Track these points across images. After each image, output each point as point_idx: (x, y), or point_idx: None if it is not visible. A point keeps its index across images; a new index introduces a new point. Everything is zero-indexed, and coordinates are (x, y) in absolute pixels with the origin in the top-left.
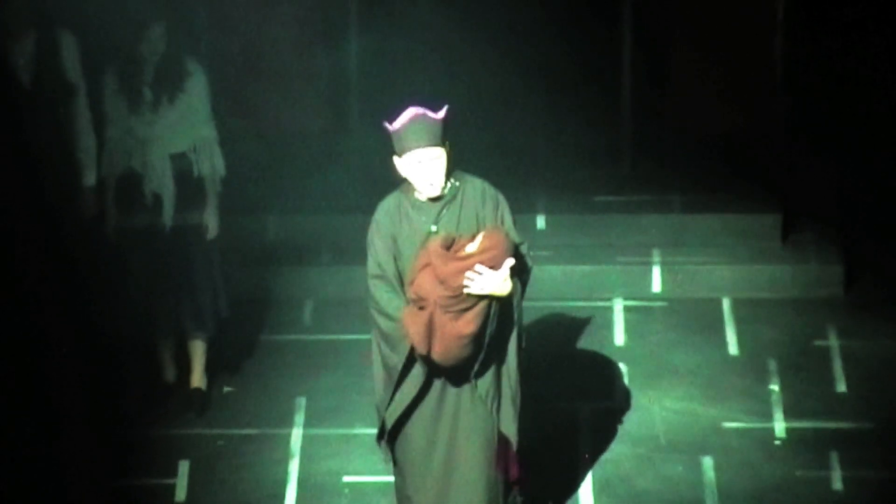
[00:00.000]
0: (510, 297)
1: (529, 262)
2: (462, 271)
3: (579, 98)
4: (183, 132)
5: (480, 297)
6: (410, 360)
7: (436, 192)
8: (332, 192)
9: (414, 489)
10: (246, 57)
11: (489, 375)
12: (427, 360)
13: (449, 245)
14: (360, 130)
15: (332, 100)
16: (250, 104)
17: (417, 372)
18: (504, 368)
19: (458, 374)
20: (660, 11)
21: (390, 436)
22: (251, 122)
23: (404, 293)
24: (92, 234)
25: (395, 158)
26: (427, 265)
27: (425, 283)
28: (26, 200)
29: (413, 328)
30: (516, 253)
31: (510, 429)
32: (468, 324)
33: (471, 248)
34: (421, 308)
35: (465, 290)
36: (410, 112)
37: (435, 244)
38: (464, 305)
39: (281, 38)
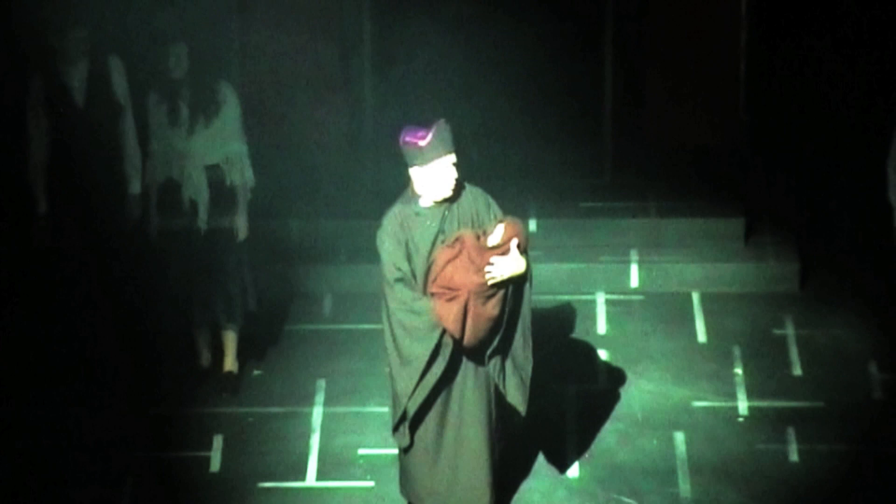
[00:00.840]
0: (524, 275)
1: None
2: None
3: (565, 116)
4: (217, 146)
5: (503, 281)
6: (436, 350)
7: (449, 194)
8: (348, 199)
9: (423, 469)
10: (272, 79)
11: (498, 352)
12: (457, 343)
13: (478, 238)
14: (371, 147)
15: (348, 119)
16: (275, 122)
17: (440, 361)
18: (514, 343)
19: (474, 354)
20: (637, 39)
21: (404, 420)
22: (276, 138)
23: (422, 290)
24: (136, 236)
25: (416, 169)
26: (452, 259)
27: (456, 275)
28: (79, 206)
29: (449, 316)
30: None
31: (516, 399)
32: (495, 307)
33: (495, 238)
34: (450, 299)
35: (490, 281)
36: (434, 126)
37: (470, 238)
38: (493, 290)
39: (301, 63)
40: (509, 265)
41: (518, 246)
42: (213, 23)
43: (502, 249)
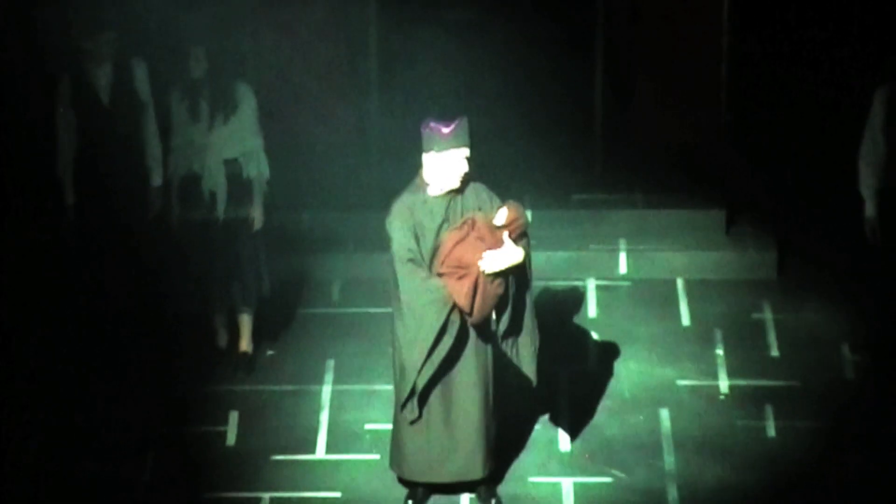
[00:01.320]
0: (522, 263)
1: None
2: (505, 239)
3: (560, 115)
4: (234, 142)
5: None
6: (444, 327)
7: (457, 185)
8: (354, 193)
9: (419, 443)
10: (285, 82)
11: (511, 329)
12: (465, 320)
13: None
14: (376, 143)
15: (355, 118)
16: (288, 121)
17: (447, 339)
18: (525, 321)
19: (479, 331)
20: (626, 45)
21: (412, 395)
22: (289, 136)
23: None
24: (158, 225)
25: (432, 155)
26: (460, 241)
27: (466, 255)
28: (104, 197)
29: (462, 292)
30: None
31: (530, 369)
32: (500, 285)
33: (500, 220)
34: (461, 277)
35: (489, 270)
36: (458, 119)
37: (481, 219)
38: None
39: (311, 66)
40: (506, 256)
41: (520, 227)
42: (230, 26)
43: (509, 228)
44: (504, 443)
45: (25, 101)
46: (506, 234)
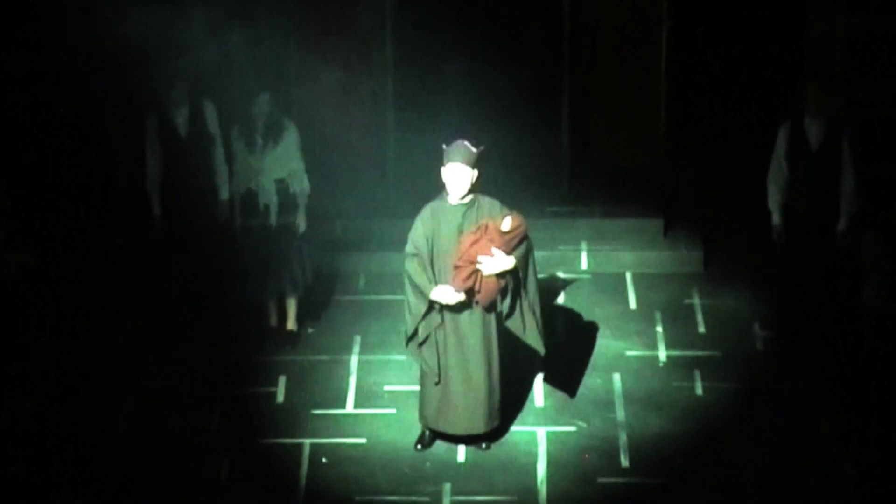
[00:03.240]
0: (515, 267)
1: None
2: (510, 241)
3: (535, 144)
4: (282, 165)
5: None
6: (429, 308)
7: (457, 195)
8: (375, 206)
9: (435, 401)
10: (322, 120)
11: (517, 312)
12: (470, 302)
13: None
14: (393, 169)
15: (376, 149)
16: (324, 150)
17: (434, 313)
18: (524, 306)
19: (487, 315)
20: (586, 88)
21: (420, 345)
22: (326, 160)
23: (432, 266)
24: (224, 230)
25: (442, 167)
26: (475, 241)
27: (479, 253)
28: (183, 208)
29: (470, 283)
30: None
31: (537, 342)
32: (499, 280)
33: (506, 226)
34: (471, 272)
35: (485, 272)
36: (460, 140)
37: (493, 224)
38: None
39: (343, 109)
40: (499, 262)
41: (521, 232)
42: (280, 80)
43: (513, 233)
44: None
45: (122, 134)
46: (500, 248)
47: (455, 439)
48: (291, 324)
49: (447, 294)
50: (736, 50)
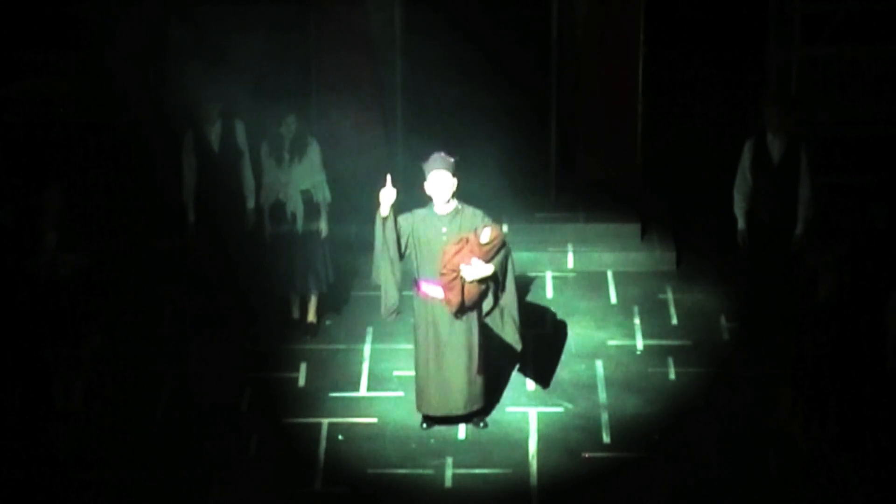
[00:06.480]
0: (495, 272)
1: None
2: (488, 252)
3: (527, 158)
4: (307, 177)
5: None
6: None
7: (443, 202)
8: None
9: (423, 386)
10: (342, 139)
11: (496, 310)
12: (460, 307)
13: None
14: (402, 180)
15: (386, 162)
16: (342, 164)
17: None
18: (504, 307)
19: (469, 314)
20: (571, 108)
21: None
22: (344, 174)
23: (399, 260)
24: (251, 235)
25: (426, 182)
26: (458, 252)
27: (461, 262)
28: (215, 215)
29: (451, 292)
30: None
31: (513, 338)
32: (480, 285)
33: (485, 237)
34: (454, 278)
35: (469, 278)
36: (441, 152)
37: (474, 237)
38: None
39: (360, 132)
40: (478, 270)
41: (499, 243)
42: (303, 104)
43: (492, 244)
44: (490, 385)
45: (162, 149)
46: (480, 258)
47: (455, 420)
48: (312, 316)
49: (388, 194)
50: (705, 74)
